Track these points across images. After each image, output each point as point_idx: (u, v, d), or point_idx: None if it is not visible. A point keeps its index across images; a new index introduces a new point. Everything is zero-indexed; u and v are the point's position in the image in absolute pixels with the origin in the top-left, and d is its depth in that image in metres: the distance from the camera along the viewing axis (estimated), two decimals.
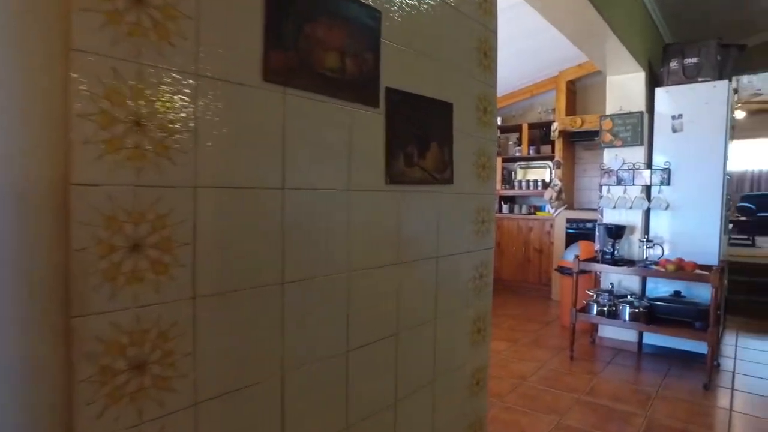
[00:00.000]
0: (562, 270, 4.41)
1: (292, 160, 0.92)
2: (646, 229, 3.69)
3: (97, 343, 0.66)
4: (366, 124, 1.09)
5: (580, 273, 3.49)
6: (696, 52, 3.51)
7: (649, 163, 3.65)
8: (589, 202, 5.62)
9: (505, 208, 6.02)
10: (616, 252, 3.56)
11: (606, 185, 3.79)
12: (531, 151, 5.96)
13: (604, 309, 3.41)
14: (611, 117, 3.76)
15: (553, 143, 5.59)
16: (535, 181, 5.86)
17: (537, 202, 6.02)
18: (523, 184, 5.97)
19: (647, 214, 3.68)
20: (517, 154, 6.08)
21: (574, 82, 5.63)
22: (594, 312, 3.47)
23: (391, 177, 1.16)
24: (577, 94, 5.74)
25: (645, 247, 3.52)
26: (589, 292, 3.61)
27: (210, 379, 0.80)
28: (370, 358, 1.13)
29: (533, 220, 5.67)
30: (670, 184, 3.53)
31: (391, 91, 1.14)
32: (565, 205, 5.25)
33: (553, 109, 5.71)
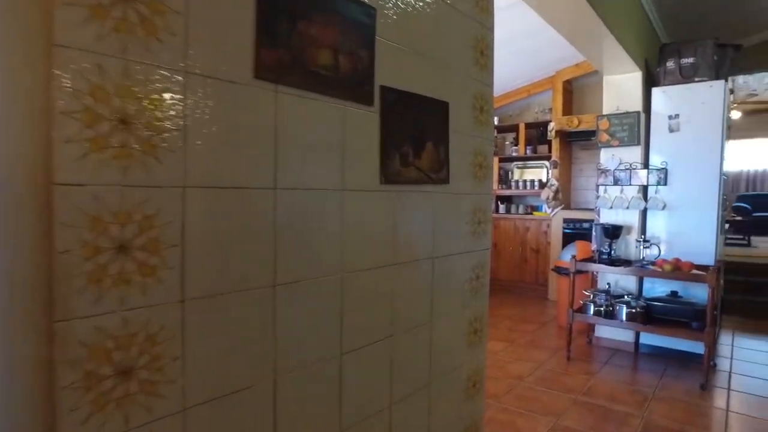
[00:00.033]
0: (559, 270, 4.40)
1: (284, 159, 0.90)
2: (643, 229, 3.69)
3: (81, 348, 0.64)
4: (360, 123, 1.07)
5: (577, 273, 3.48)
6: (693, 52, 3.51)
7: (645, 163, 3.64)
8: (586, 202, 5.61)
9: (501, 208, 6.01)
10: (613, 252, 3.56)
11: (603, 185, 3.78)
12: (528, 151, 5.96)
13: (601, 309, 3.41)
14: (608, 117, 3.76)
15: (550, 143, 5.58)
16: (532, 181, 5.86)
17: (534, 202, 6.02)
18: (519, 184, 5.97)
19: (644, 214, 3.68)
20: (513, 154, 6.08)
21: (571, 81, 5.63)
22: (591, 312, 3.46)
23: (386, 177, 1.14)
24: (574, 93, 5.74)
25: (642, 247, 3.52)
26: (586, 292, 3.61)
27: (199, 384, 0.78)
28: (364, 361, 1.11)
29: (530, 220, 5.66)
30: (666, 184, 3.53)
31: (386, 89, 1.12)
32: (562, 205, 5.25)
33: (550, 109, 5.71)
